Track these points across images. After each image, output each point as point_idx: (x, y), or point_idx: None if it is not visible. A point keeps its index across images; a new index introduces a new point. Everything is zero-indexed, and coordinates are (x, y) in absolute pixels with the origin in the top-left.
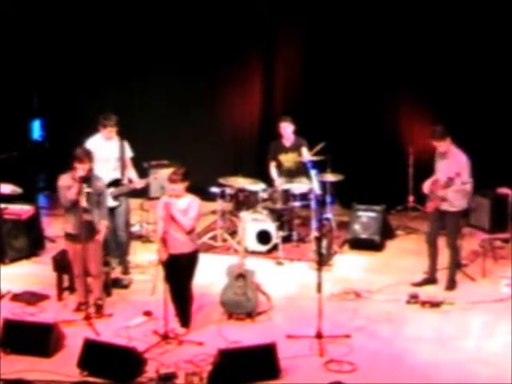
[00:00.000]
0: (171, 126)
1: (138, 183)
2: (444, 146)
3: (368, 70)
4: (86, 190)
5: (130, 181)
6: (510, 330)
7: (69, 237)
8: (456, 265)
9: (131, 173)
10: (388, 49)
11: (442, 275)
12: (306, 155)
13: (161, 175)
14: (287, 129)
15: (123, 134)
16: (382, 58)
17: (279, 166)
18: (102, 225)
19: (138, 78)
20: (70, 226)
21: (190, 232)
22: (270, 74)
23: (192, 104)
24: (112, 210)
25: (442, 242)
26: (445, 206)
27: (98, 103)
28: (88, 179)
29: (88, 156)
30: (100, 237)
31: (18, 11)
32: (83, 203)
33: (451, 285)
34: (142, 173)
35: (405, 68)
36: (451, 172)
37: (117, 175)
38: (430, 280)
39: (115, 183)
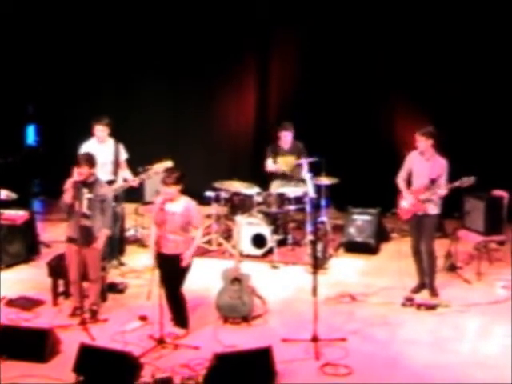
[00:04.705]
0: (166, 130)
1: (133, 181)
2: (423, 144)
3: (362, 73)
4: (87, 195)
5: (125, 180)
6: (505, 332)
7: (68, 240)
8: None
9: (126, 173)
10: (382, 52)
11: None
12: (304, 160)
13: (156, 178)
14: (288, 137)
15: (119, 138)
16: (376, 61)
17: None
18: (103, 233)
19: (133, 83)
20: (69, 229)
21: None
22: (264, 79)
23: (187, 109)
24: None
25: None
26: (425, 209)
27: (93, 109)
28: (90, 185)
29: (87, 161)
30: (98, 245)
31: (13, 18)
32: (83, 209)
33: (434, 292)
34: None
35: (399, 71)
36: (434, 174)
37: (113, 178)
38: (423, 285)
39: (108, 184)
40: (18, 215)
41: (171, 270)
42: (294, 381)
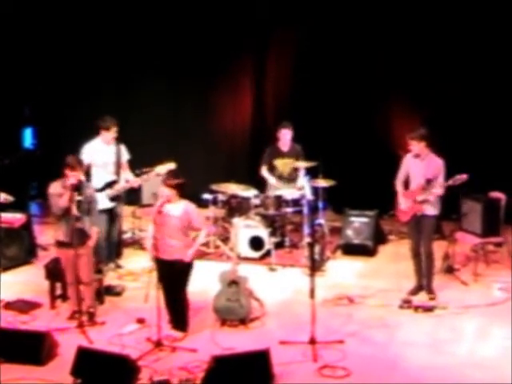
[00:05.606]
0: (163, 132)
1: (133, 182)
2: (417, 147)
3: (359, 74)
4: (77, 197)
5: (127, 181)
6: (503, 333)
7: (61, 244)
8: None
9: (128, 174)
10: (379, 54)
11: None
12: (302, 164)
13: (153, 181)
14: (287, 135)
15: (118, 138)
16: (372, 63)
17: (271, 170)
18: (93, 231)
19: (133, 83)
20: (61, 233)
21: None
22: (261, 81)
23: (184, 111)
24: (109, 212)
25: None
26: (424, 210)
27: (90, 111)
28: (79, 187)
29: (79, 164)
30: (91, 242)
31: (11, 18)
32: (75, 211)
33: (432, 293)
34: None
35: (396, 73)
36: (429, 174)
37: (115, 178)
38: (421, 287)
39: (110, 184)
40: (16, 218)
41: (171, 275)
42: (292, 383)
